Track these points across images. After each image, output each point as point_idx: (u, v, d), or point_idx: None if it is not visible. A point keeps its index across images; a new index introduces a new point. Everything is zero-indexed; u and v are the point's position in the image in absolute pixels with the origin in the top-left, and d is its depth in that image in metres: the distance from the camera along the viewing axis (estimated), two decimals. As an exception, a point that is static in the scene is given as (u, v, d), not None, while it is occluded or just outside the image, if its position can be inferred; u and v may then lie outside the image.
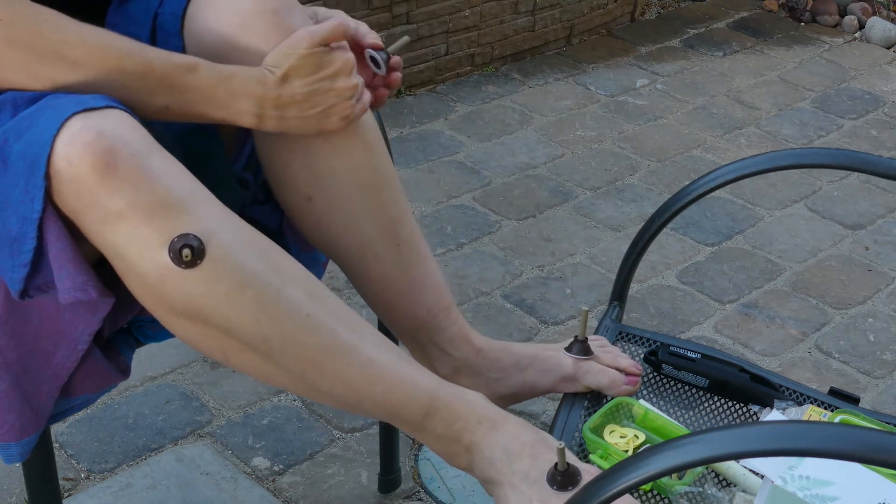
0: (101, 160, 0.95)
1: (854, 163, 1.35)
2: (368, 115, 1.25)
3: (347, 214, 1.24)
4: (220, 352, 1.05)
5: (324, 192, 1.23)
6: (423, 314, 1.27)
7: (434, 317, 1.28)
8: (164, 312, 1.03)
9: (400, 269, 1.27)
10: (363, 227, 1.25)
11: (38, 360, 1.09)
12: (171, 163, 1.00)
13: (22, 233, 0.98)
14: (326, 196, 1.23)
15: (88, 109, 0.97)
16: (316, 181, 1.23)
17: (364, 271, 1.27)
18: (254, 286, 1.01)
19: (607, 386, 1.24)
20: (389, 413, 1.09)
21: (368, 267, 1.27)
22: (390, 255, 1.26)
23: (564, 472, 1.03)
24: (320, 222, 1.25)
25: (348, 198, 1.24)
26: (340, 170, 1.23)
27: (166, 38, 1.20)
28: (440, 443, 1.10)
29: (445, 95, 2.95)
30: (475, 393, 1.11)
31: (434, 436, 1.09)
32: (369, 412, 1.09)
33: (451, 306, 1.29)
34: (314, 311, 1.04)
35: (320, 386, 1.06)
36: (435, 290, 1.28)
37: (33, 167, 0.96)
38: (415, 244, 1.28)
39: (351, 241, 1.26)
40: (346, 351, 1.05)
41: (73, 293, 1.00)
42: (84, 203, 0.97)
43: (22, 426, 1.10)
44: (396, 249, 1.26)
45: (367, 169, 1.24)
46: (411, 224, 1.28)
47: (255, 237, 1.04)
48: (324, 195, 1.23)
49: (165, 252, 0.97)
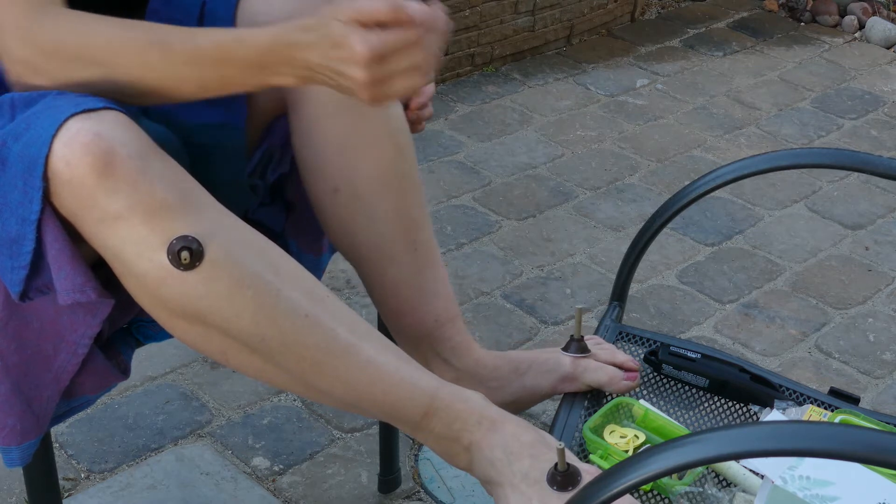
0: (100, 161, 0.95)
1: (854, 163, 1.35)
2: (402, 119, 1.27)
3: (370, 211, 1.25)
4: (220, 352, 1.05)
5: (351, 185, 1.24)
6: (431, 322, 1.27)
7: (441, 326, 1.28)
8: (163, 313, 1.03)
9: (413, 273, 1.27)
10: (384, 226, 1.25)
11: (39, 364, 1.09)
12: (169, 165, 1.00)
13: (21, 234, 0.98)
14: (353, 190, 1.24)
15: (86, 111, 0.97)
16: (345, 173, 1.24)
17: (378, 272, 1.27)
18: (252, 287, 1.01)
19: (607, 382, 1.24)
20: (389, 413, 1.09)
21: (383, 267, 1.27)
22: (406, 258, 1.27)
23: (564, 473, 1.03)
24: (343, 215, 1.26)
25: (373, 194, 1.25)
26: (370, 166, 1.24)
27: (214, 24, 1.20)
28: (440, 443, 1.10)
29: (445, 95, 2.95)
30: (475, 393, 1.11)
31: (433, 436, 1.09)
32: (368, 412, 1.09)
33: (457, 317, 1.29)
34: (313, 311, 1.04)
35: (319, 386, 1.06)
36: (445, 298, 1.29)
37: (32, 168, 0.96)
38: (431, 251, 1.29)
39: (370, 239, 1.26)
40: (345, 351, 1.05)
41: (72, 294, 1.00)
42: (82, 204, 0.97)
43: (23, 430, 1.10)
44: (413, 253, 1.27)
45: (394, 169, 1.25)
46: (429, 231, 1.29)
47: (254, 238, 1.04)
48: (350, 188, 1.24)
49: (164, 253, 0.97)
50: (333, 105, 1.22)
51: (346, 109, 1.22)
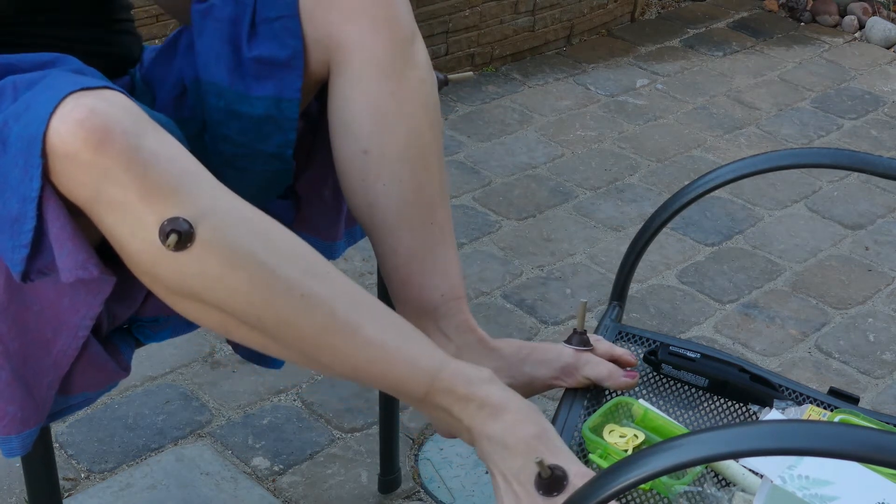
0: (94, 137, 0.95)
1: (854, 163, 1.35)
2: (436, 97, 1.30)
3: (396, 175, 1.26)
4: (221, 327, 1.06)
5: (381, 147, 1.25)
6: (437, 298, 1.28)
7: (446, 302, 1.28)
8: (161, 290, 1.03)
9: (427, 247, 1.28)
10: (406, 193, 1.26)
11: (39, 349, 1.09)
12: (167, 143, 1.00)
13: (22, 212, 0.98)
14: (382, 152, 1.26)
15: (85, 89, 0.98)
16: (377, 135, 1.25)
17: (393, 240, 1.28)
18: (246, 268, 1.01)
19: (606, 376, 1.24)
20: (391, 390, 1.10)
21: (398, 236, 1.27)
22: (422, 231, 1.27)
23: (549, 479, 1.03)
24: (368, 178, 1.26)
25: (401, 159, 1.26)
26: (402, 133, 1.25)
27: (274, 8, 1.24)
28: (443, 420, 1.11)
29: (445, 95, 2.95)
30: (483, 371, 1.11)
31: (437, 414, 1.10)
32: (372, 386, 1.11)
33: (462, 298, 1.30)
34: (311, 289, 1.04)
35: (321, 361, 1.07)
36: (454, 277, 1.29)
37: (31, 146, 0.96)
38: (446, 229, 1.30)
39: (390, 203, 1.27)
40: (343, 330, 1.05)
41: (75, 271, 1.00)
42: (78, 180, 0.97)
43: (23, 418, 1.10)
44: (429, 227, 1.28)
45: (424, 142, 1.27)
46: (447, 212, 1.30)
47: (252, 216, 1.04)
48: (380, 150, 1.26)
49: (156, 234, 0.97)
50: (377, 71, 1.25)
51: (387, 77, 1.25)
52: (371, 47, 1.24)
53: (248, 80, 1.25)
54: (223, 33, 1.25)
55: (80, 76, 1.01)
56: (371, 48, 1.24)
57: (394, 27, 1.25)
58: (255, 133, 1.27)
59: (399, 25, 1.25)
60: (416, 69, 1.26)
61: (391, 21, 1.24)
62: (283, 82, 1.25)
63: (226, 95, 1.26)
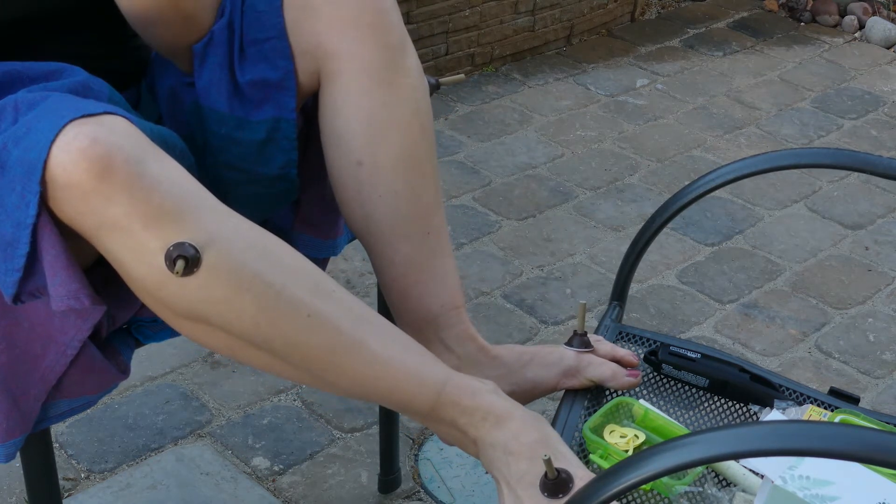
0: (96, 166, 0.95)
1: (854, 163, 1.35)
2: (428, 103, 1.29)
3: (390, 186, 1.26)
4: (227, 349, 1.06)
5: (375, 157, 1.25)
6: (436, 308, 1.28)
7: (445, 312, 1.28)
8: (167, 314, 1.03)
9: (424, 257, 1.28)
10: (401, 203, 1.26)
11: (28, 363, 1.10)
12: (170, 168, 1.00)
13: (16, 237, 0.98)
14: (376, 162, 1.25)
15: (86, 116, 0.97)
16: (370, 147, 1.25)
17: (390, 252, 1.28)
18: (252, 290, 1.01)
19: (609, 377, 1.24)
20: (396, 406, 1.11)
21: (395, 247, 1.27)
22: (418, 241, 1.27)
23: (555, 480, 1.03)
24: (363, 189, 1.26)
25: (395, 169, 1.25)
26: (395, 143, 1.25)
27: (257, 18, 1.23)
28: (449, 434, 1.12)
29: (445, 95, 2.95)
30: (486, 383, 1.12)
31: (442, 428, 1.11)
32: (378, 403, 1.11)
33: (462, 307, 1.30)
34: (317, 308, 1.04)
35: (327, 380, 1.08)
36: (452, 286, 1.29)
37: (30, 173, 0.96)
38: (442, 238, 1.29)
39: (386, 215, 1.26)
40: (349, 349, 1.05)
41: (66, 300, 1.00)
42: (80, 210, 0.97)
43: (8, 428, 1.11)
44: (425, 237, 1.27)
45: (417, 150, 1.27)
46: (442, 219, 1.30)
47: (256, 237, 1.04)
48: (374, 161, 1.25)
49: (162, 258, 0.97)
50: (367, 80, 1.24)
51: (378, 86, 1.24)
52: (361, 56, 1.23)
53: (247, 106, 1.24)
54: (220, 58, 1.24)
55: (81, 101, 1.01)
56: (361, 57, 1.23)
57: (383, 34, 1.23)
58: (256, 157, 1.27)
59: (388, 32, 1.24)
60: (407, 76, 1.25)
61: (380, 28, 1.23)
62: (279, 104, 1.25)
63: (227, 122, 1.25)
